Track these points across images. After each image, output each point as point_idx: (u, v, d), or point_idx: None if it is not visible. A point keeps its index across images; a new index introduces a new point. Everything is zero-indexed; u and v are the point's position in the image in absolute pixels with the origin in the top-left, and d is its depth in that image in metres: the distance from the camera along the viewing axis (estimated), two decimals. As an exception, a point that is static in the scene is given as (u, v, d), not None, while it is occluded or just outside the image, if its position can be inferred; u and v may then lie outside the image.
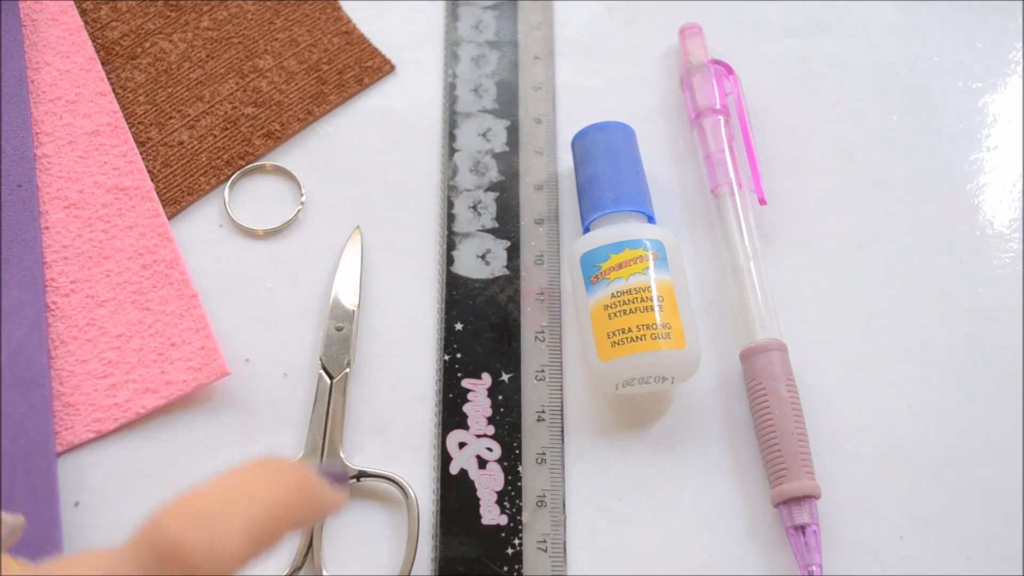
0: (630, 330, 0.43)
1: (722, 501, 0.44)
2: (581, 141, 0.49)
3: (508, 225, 0.50)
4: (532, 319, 0.47)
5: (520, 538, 0.43)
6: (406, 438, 0.45)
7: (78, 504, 0.43)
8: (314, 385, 0.46)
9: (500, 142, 0.52)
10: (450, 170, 0.51)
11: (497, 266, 0.49)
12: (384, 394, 0.46)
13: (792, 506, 0.42)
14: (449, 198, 0.50)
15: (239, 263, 0.49)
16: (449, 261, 0.49)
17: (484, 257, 0.49)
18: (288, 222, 0.49)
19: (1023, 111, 0.54)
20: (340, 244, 0.49)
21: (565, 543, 0.43)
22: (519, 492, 0.44)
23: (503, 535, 0.43)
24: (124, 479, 0.44)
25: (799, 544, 0.42)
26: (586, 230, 0.47)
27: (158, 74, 0.52)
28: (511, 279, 0.48)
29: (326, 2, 0.55)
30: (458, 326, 0.47)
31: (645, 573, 0.43)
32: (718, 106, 0.51)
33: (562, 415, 0.46)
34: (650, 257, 0.44)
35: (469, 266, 0.49)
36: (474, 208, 0.50)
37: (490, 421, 0.45)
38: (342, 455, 0.44)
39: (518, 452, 0.45)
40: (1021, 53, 0.55)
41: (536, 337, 0.47)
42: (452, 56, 0.54)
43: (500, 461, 0.44)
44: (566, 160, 0.51)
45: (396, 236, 0.50)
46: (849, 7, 0.56)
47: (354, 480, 0.43)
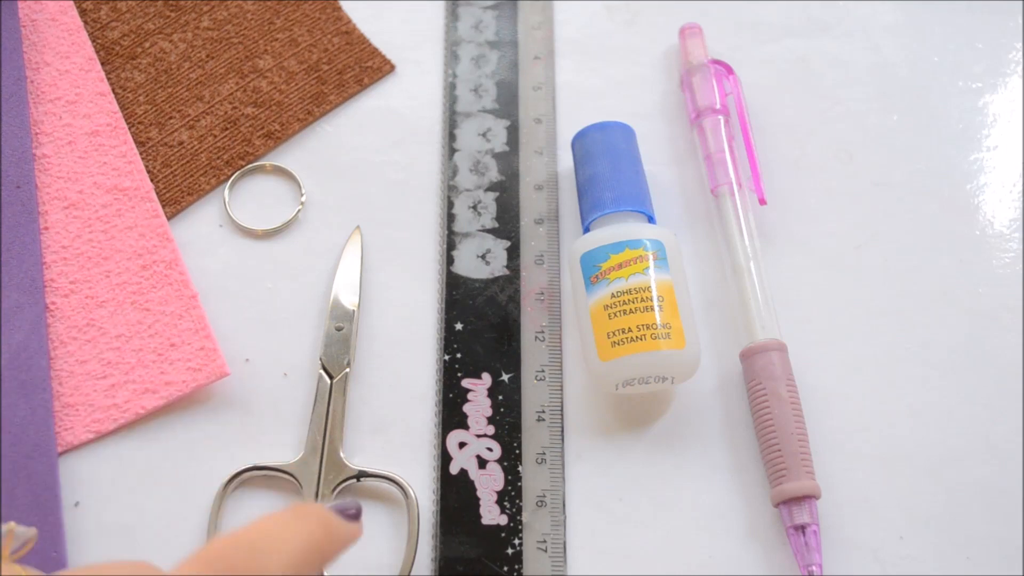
0: (630, 330, 0.43)
1: (722, 501, 0.44)
2: (581, 141, 0.49)
3: (508, 225, 0.50)
4: (532, 319, 0.47)
5: (520, 538, 0.43)
6: (406, 438, 0.45)
7: (78, 504, 0.43)
8: (314, 385, 0.46)
9: (500, 142, 0.52)
10: (450, 170, 0.51)
11: (497, 266, 0.49)
12: (384, 394, 0.46)
13: (792, 506, 0.42)
14: (449, 198, 0.50)
15: (239, 263, 0.49)
16: (449, 261, 0.49)
17: (484, 257, 0.49)
18: (288, 222, 0.49)
19: (1023, 111, 0.54)
20: (340, 244, 0.49)
21: (565, 543, 0.43)
22: (519, 492, 0.44)
23: (503, 535, 0.43)
24: (124, 479, 0.44)
25: (799, 544, 0.42)
26: (586, 230, 0.47)
27: (158, 74, 0.52)
28: (511, 279, 0.48)
29: (326, 2, 0.55)
30: (458, 326, 0.47)
31: (645, 573, 0.43)
32: (718, 106, 0.51)
33: (562, 415, 0.46)
34: (650, 257, 0.44)
35: (469, 266, 0.49)
36: (474, 208, 0.50)
37: (490, 421, 0.45)
38: (342, 455, 0.44)
39: (518, 452, 0.45)
40: (1021, 53, 0.55)
41: (536, 337, 0.47)
42: (452, 56, 0.54)
43: (500, 461, 0.44)
44: (566, 160, 0.51)
45: (396, 236, 0.50)
46: (849, 7, 0.56)
47: (354, 480, 0.43)
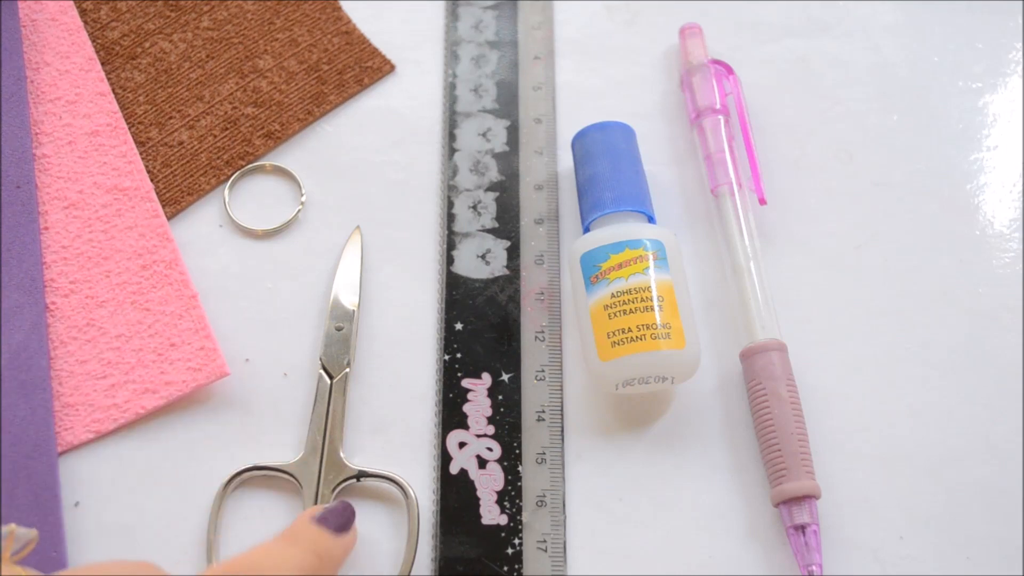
0: (630, 330, 0.43)
1: (722, 501, 0.44)
2: (581, 141, 0.49)
3: (508, 225, 0.50)
4: (532, 319, 0.47)
5: (520, 538, 0.43)
6: (406, 438, 0.45)
7: (78, 504, 0.43)
8: (314, 385, 0.46)
9: (500, 142, 0.52)
10: (450, 170, 0.51)
11: (497, 266, 0.49)
12: (384, 394, 0.46)
13: (792, 506, 0.42)
14: (449, 198, 0.50)
15: (239, 263, 0.49)
16: (449, 261, 0.49)
17: (484, 257, 0.49)
18: (288, 222, 0.49)
19: (1023, 111, 0.54)
20: (340, 244, 0.49)
21: (565, 543, 0.43)
22: (519, 492, 0.44)
23: (503, 535, 0.43)
24: (124, 479, 0.44)
25: (799, 544, 0.42)
26: (586, 230, 0.47)
27: (158, 74, 0.52)
28: (511, 279, 0.48)
29: (326, 2, 0.55)
30: (458, 326, 0.47)
31: (645, 573, 0.43)
32: (718, 106, 0.51)
33: (562, 415, 0.46)
34: (650, 257, 0.44)
35: (469, 266, 0.49)
36: (474, 208, 0.50)
37: (490, 421, 0.45)
38: (342, 455, 0.44)
39: (518, 452, 0.45)
40: (1021, 53, 0.55)
41: (536, 337, 0.47)
42: (452, 56, 0.54)
43: (500, 461, 0.44)
44: (566, 160, 0.51)
45: (396, 236, 0.50)
46: (849, 7, 0.56)
47: (354, 480, 0.43)
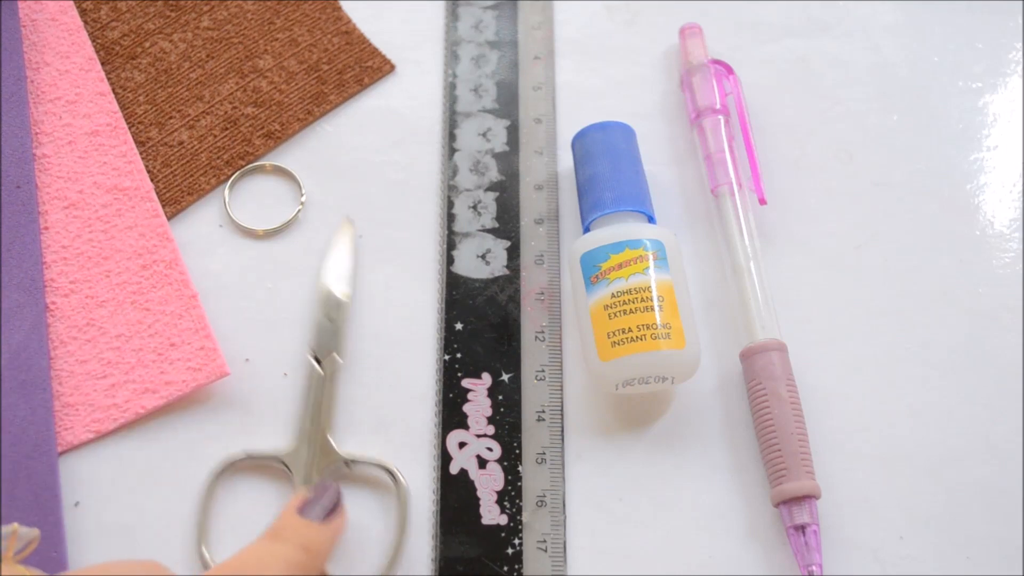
0: (630, 330, 0.43)
1: (722, 501, 0.44)
2: (581, 141, 0.49)
3: (508, 225, 0.50)
4: (532, 319, 0.47)
5: (520, 538, 0.43)
6: (406, 438, 0.45)
7: (78, 504, 0.43)
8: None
9: (500, 142, 0.52)
10: (450, 170, 0.51)
11: (497, 266, 0.49)
12: (384, 394, 0.46)
13: (792, 506, 0.42)
14: (449, 198, 0.50)
15: (239, 263, 0.49)
16: (449, 261, 0.49)
17: (484, 257, 0.49)
18: (288, 222, 0.49)
19: (1023, 111, 0.54)
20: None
21: (565, 543, 0.43)
22: (519, 492, 0.44)
23: (503, 535, 0.43)
24: (124, 479, 0.44)
25: (799, 544, 0.42)
26: (586, 230, 0.47)
27: (158, 74, 0.52)
28: (511, 279, 0.48)
29: (326, 2, 0.55)
30: (458, 326, 0.47)
31: (645, 573, 0.43)
32: (718, 106, 0.51)
33: (562, 415, 0.46)
34: (650, 257, 0.44)
35: (469, 266, 0.49)
36: (474, 208, 0.50)
37: (490, 421, 0.45)
38: (332, 442, 0.44)
39: (518, 452, 0.45)
40: (1021, 53, 0.55)
41: (536, 337, 0.47)
42: (452, 56, 0.54)
43: (500, 461, 0.44)
44: (566, 160, 0.51)
45: (396, 236, 0.50)
46: (849, 7, 0.56)
47: (344, 467, 0.44)
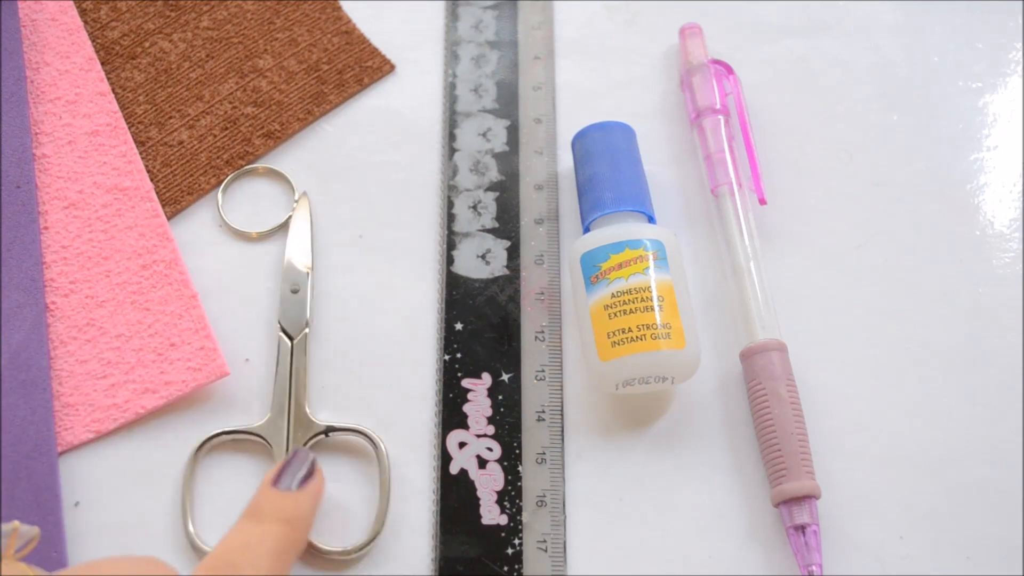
0: (630, 330, 0.43)
1: (722, 501, 0.44)
2: (581, 141, 0.49)
3: (508, 225, 0.50)
4: (532, 319, 0.47)
5: (520, 538, 0.43)
6: (406, 438, 0.45)
7: (78, 504, 0.43)
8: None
9: (500, 142, 0.52)
10: (450, 170, 0.51)
11: (497, 266, 0.49)
12: (383, 394, 0.46)
13: (792, 506, 0.42)
14: (449, 198, 0.50)
15: (239, 263, 0.49)
16: (449, 261, 0.49)
17: (484, 257, 0.49)
18: (284, 223, 0.49)
19: (1023, 111, 0.54)
20: (340, 243, 0.49)
21: (565, 543, 0.43)
22: (519, 492, 0.44)
23: (503, 535, 0.43)
24: (124, 479, 0.44)
25: (799, 544, 0.42)
26: (586, 230, 0.47)
27: (158, 74, 0.52)
28: (511, 279, 0.48)
29: (326, 2, 0.55)
30: (458, 326, 0.47)
31: (645, 573, 0.43)
32: (718, 106, 0.51)
33: (562, 415, 0.46)
34: (650, 257, 0.44)
35: (469, 266, 0.49)
36: (474, 208, 0.50)
37: (490, 421, 0.45)
38: (308, 412, 0.44)
39: (518, 452, 0.45)
40: (1021, 53, 0.55)
41: (536, 337, 0.47)
42: (452, 56, 0.54)
43: (500, 461, 0.44)
44: (566, 160, 0.51)
45: (396, 236, 0.49)
46: (849, 7, 0.56)
47: (323, 436, 0.44)
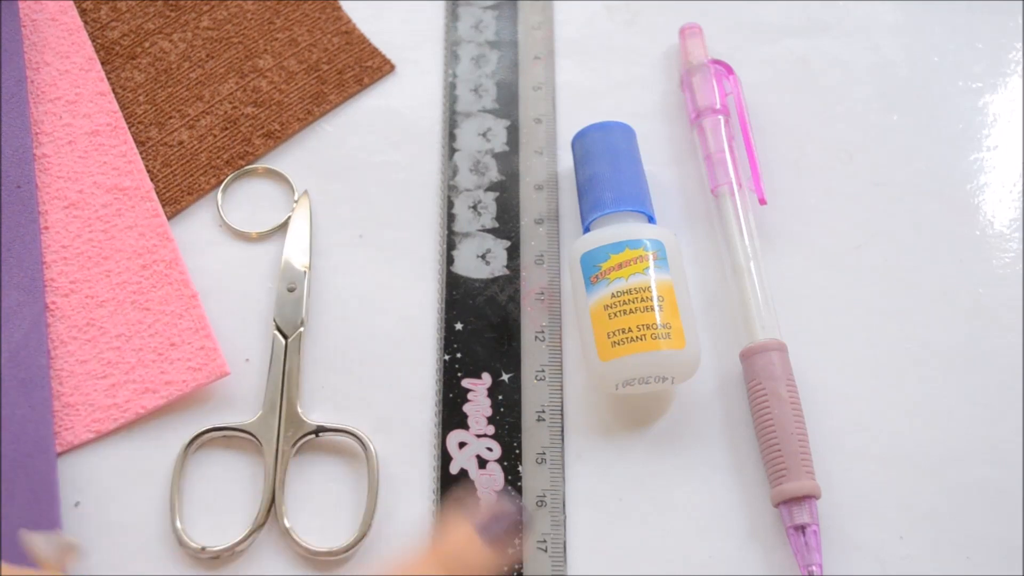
0: (630, 330, 0.43)
1: (722, 501, 0.44)
2: (581, 141, 0.49)
3: (508, 225, 0.50)
4: (532, 319, 0.47)
5: (520, 538, 0.43)
6: (406, 438, 0.45)
7: (78, 504, 0.43)
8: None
9: (500, 142, 0.52)
10: (450, 170, 0.51)
11: (497, 266, 0.49)
12: (383, 394, 0.46)
13: (792, 506, 0.42)
14: (449, 198, 0.50)
15: (239, 263, 0.49)
16: (449, 261, 0.49)
17: (484, 257, 0.49)
18: (284, 223, 0.49)
19: (1023, 111, 0.54)
20: (340, 243, 0.49)
21: (565, 543, 0.43)
22: (519, 492, 0.44)
23: (503, 535, 0.43)
24: (124, 479, 0.44)
25: (799, 544, 0.42)
26: (586, 230, 0.47)
27: (158, 74, 0.52)
28: (511, 279, 0.48)
29: (326, 2, 0.55)
30: (458, 326, 0.47)
31: (645, 573, 0.43)
32: (718, 106, 0.51)
33: (562, 415, 0.46)
34: (650, 257, 0.44)
35: (469, 266, 0.49)
36: (474, 208, 0.50)
37: (490, 421, 0.45)
38: (300, 411, 0.44)
39: (518, 452, 0.45)
40: (1021, 53, 0.55)
41: (536, 337, 0.47)
42: (452, 56, 0.54)
43: (500, 461, 0.44)
44: (566, 160, 0.51)
45: (396, 236, 0.49)
46: (849, 7, 0.56)
47: (313, 435, 0.44)
